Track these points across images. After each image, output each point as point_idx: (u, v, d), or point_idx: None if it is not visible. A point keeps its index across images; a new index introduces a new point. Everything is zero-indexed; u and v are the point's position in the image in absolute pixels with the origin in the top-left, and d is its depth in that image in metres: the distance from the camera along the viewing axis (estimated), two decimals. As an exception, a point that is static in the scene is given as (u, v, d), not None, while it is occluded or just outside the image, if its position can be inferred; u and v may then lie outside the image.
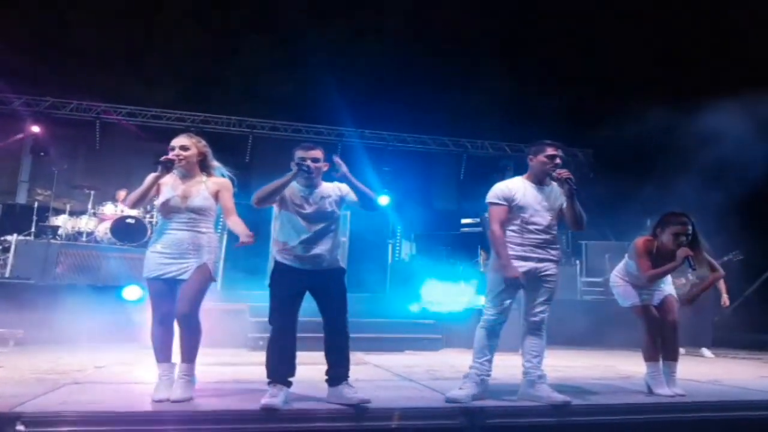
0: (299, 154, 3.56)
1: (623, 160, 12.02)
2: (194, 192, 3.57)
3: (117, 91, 11.81)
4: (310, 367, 3.63)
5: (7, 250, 8.54)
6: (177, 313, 3.46)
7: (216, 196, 3.64)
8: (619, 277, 4.39)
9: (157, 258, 3.48)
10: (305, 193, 3.57)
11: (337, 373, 3.45)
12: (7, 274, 8.08)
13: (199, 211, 3.56)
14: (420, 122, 13.04)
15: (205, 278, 3.51)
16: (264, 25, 10.95)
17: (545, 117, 11.50)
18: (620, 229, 11.37)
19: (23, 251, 8.35)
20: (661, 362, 4.10)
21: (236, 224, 3.56)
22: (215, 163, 3.77)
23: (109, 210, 9.44)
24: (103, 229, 9.14)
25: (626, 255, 4.37)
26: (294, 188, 3.57)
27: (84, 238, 9.13)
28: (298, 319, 3.51)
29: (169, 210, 3.54)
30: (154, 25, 10.30)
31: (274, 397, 3.20)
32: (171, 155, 3.56)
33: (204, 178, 3.68)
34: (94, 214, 9.45)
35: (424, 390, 4.06)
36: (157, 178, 3.50)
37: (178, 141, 3.64)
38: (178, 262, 3.47)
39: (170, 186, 3.58)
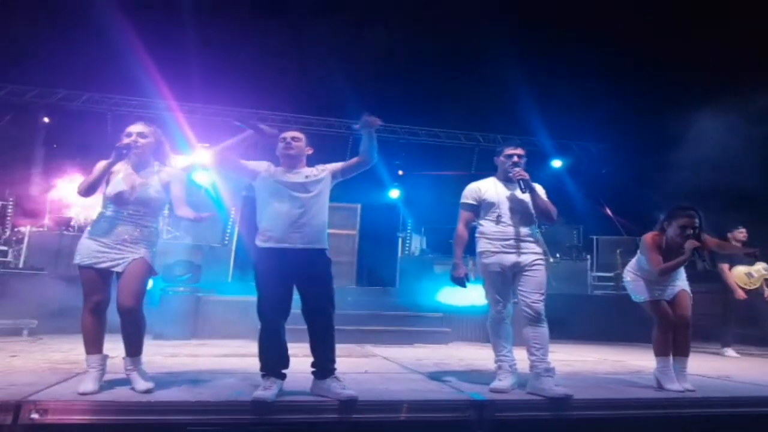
0: (282, 134, 3.71)
1: (636, 155, 11.91)
2: (146, 183, 3.46)
3: (129, 83, 11.85)
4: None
5: (20, 240, 8.64)
6: (120, 307, 3.34)
7: (167, 186, 3.54)
8: (631, 272, 4.40)
9: (92, 245, 3.36)
10: (288, 171, 3.59)
11: (325, 366, 3.40)
12: (20, 265, 8.19)
13: (147, 204, 3.45)
14: (432, 115, 12.96)
15: (145, 271, 3.41)
16: (273, 15, 10.92)
17: (558, 111, 11.41)
18: (633, 223, 11.30)
19: (36, 242, 8.45)
20: (671, 357, 4.08)
21: (185, 213, 3.46)
22: (171, 153, 3.68)
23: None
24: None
25: (638, 251, 4.38)
26: (277, 168, 3.61)
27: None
28: (289, 311, 3.46)
29: (116, 200, 3.41)
30: (165, 17, 10.31)
31: (266, 390, 3.20)
32: (127, 141, 3.44)
33: (157, 167, 3.57)
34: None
35: (433, 383, 4.07)
36: (110, 164, 3.38)
37: (135, 128, 3.53)
38: (115, 252, 3.35)
39: (121, 175, 3.44)
